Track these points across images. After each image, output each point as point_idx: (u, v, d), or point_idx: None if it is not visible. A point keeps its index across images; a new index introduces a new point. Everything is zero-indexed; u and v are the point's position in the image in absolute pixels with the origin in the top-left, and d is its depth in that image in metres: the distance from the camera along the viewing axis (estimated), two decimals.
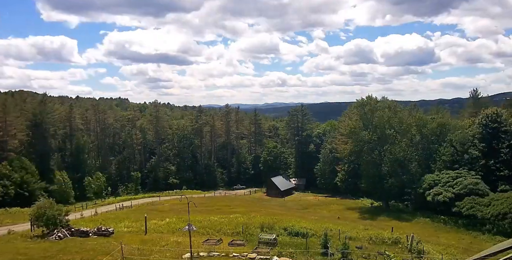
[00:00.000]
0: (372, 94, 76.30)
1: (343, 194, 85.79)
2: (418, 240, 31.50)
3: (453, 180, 58.66)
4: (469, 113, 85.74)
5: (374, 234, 35.35)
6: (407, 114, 75.21)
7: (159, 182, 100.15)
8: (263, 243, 26.91)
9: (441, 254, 28.12)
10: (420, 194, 61.85)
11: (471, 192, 55.13)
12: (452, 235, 48.07)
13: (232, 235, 31.50)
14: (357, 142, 71.00)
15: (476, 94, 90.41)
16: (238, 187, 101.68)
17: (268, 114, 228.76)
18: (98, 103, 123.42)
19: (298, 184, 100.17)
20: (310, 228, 35.84)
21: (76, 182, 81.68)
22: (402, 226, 50.89)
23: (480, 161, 61.81)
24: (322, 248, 25.44)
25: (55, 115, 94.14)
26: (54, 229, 28.72)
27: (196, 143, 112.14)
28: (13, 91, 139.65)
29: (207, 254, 23.94)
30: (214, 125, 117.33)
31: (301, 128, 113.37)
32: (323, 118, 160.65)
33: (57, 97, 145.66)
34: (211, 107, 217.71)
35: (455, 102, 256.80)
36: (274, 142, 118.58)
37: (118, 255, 22.09)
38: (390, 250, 27.08)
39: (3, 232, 33.23)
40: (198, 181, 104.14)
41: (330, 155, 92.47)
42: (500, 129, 62.81)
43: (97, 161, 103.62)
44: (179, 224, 35.53)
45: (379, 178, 69.09)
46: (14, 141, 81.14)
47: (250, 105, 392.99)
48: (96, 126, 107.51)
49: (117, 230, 32.09)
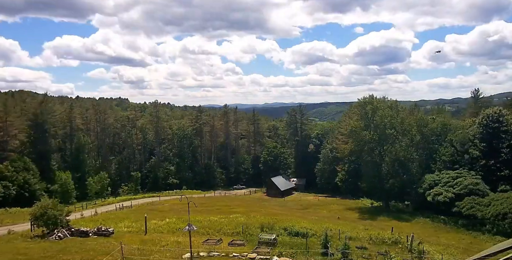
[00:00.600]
0: (373, 94, 76.46)
1: (343, 194, 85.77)
2: (418, 240, 31.52)
3: (453, 180, 58.68)
4: (470, 113, 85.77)
5: (374, 234, 35.35)
6: (408, 113, 75.25)
7: (159, 182, 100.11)
8: (263, 243, 26.90)
9: (441, 254, 28.13)
10: (421, 194, 61.84)
11: (471, 192, 55.14)
12: (452, 235, 48.08)
13: (232, 235, 31.48)
14: (358, 142, 70.99)
15: (477, 94, 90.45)
16: (238, 187, 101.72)
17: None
18: (98, 103, 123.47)
19: (298, 184, 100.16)
20: (310, 228, 35.82)
21: (76, 182, 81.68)
22: (402, 226, 50.90)
23: (480, 161, 61.75)
24: (322, 248, 25.43)
25: (56, 115, 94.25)
26: (54, 229, 28.72)
27: (196, 143, 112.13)
28: (13, 91, 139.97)
29: (207, 254, 23.93)
30: (213, 125, 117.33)
31: (301, 128, 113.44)
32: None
33: (57, 97, 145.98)
34: (211, 107, 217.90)
35: (455, 102, 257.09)
36: (274, 142, 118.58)
37: (118, 255, 22.08)
38: (390, 250, 27.10)
39: (3, 232, 33.24)
40: (198, 181, 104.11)
41: (330, 155, 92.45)
42: (500, 129, 62.72)
43: (97, 161, 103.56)
44: (179, 224, 35.52)
45: (379, 178, 69.06)
46: (14, 141, 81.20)
47: (250, 105, 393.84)
48: (96, 126, 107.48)
49: (117, 230, 32.09)
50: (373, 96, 74.65)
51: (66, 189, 75.91)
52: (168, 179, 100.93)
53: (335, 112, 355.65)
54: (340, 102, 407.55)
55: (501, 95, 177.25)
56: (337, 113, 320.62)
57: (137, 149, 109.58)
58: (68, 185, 76.76)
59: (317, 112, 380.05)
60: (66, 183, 76.21)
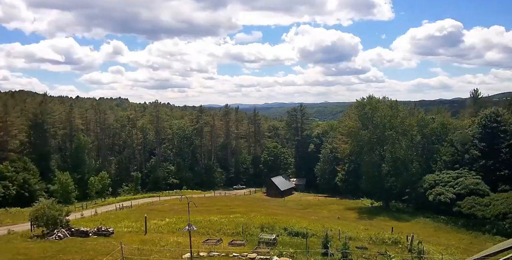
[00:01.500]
0: (372, 94, 76.46)
1: (343, 194, 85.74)
2: (418, 240, 31.49)
3: (454, 180, 58.76)
4: (469, 113, 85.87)
5: (374, 234, 35.35)
6: (408, 114, 75.24)
7: (159, 182, 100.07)
8: (263, 243, 26.89)
9: (441, 254, 28.11)
10: (421, 194, 61.86)
11: (472, 192, 55.19)
12: (452, 235, 48.07)
13: (232, 235, 31.46)
14: (357, 142, 70.99)
15: (476, 94, 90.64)
16: (238, 187, 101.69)
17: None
18: (98, 103, 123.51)
19: (298, 184, 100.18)
20: (310, 228, 35.83)
21: (76, 182, 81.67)
22: (402, 226, 50.88)
23: (480, 161, 61.79)
24: (322, 248, 25.41)
25: (55, 115, 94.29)
26: (54, 229, 28.69)
27: (196, 143, 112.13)
28: (13, 91, 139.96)
29: (207, 254, 23.90)
30: (214, 125, 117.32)
31: (301, 128, 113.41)
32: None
33: (57, 97, 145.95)
34: (211, 107, 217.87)
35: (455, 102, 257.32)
36: (274, 142, 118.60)
37: (118, 255, 22.06)
38: (390, 250, 27.10)
39: (3, 232, 33.24)
40: (198, 181, 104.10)
41: (330, 155, 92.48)
42: (499, 129, 62.78)
43: (97, 161, 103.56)
44: (179, 224, 35.50)
45: (379, 178, 69.07)
46: (14, 141, 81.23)
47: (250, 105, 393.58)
48: (96, 126, 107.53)
49: (117, 230, 32.06)
50: (372, 96, 74.74)
51: (66, 189, 75.91)
52: (168, 179, 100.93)
53: (335, 112, 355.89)
54: (340, 102, 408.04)
55: (501, 95, 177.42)
56: (337, 113, 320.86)
57: (137, 149, 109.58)
58: (68, 185, 76.77)
59: (317, 112, 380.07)
60: (66, 183, 76.22)
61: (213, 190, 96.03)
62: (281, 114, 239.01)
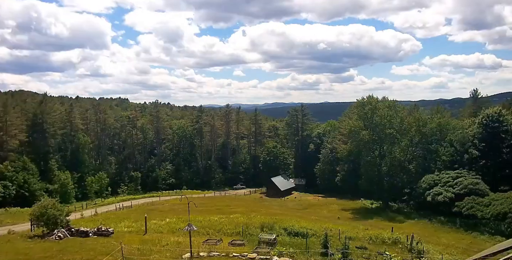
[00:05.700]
0: (372, 94, 76.53)
1: (343, 194, 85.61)
2: (418, 240, 31.53)
3: (453, 180, 58.64)
4: (469, 113, 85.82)
5: (374, 234, 35.35)
6: (407, 113, 75.25)
7: (159, 182, 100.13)
8: (263, 243, 26.89)
9: (441, 254, 28.14)
10: (420, 194, 61.81)
11: (471, 192, 55.10)
12: (452, 235, 48.05)
13: (232, 235, 31.45)
14: (357, 142, 70.98)
15: (476, 94, 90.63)
16: (238, 187, 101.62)
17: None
18: (98, 103, 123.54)
19: (298, 184, 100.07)
20: (310, 228, 35.79)
21: (76, 182, 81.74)
22: (402, 226, 50.90)
23: (480, 161, 61.72)
24: (322, 248, 25.42)
25: (55, 115, 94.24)
26: (54, 229, 28.66)
27: (196, 143, 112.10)
28: (13, 91, 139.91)
29: (207, 254, 23.88)
30: (214, 125, 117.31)
31: (301, 128, 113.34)
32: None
33: (57, 97, 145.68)
34: (211, 107, 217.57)
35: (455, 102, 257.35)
36: (274, 142, 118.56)
37: (118, 255, 22.05)
38: (390, 250, 27.08)
39: (3, 232, 33.20)
40: (198, 181, 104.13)
41: (330, 155, 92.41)
42: (500, 129, 62.71)
43: (97, 161, 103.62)
44: (179, 224, 35.47)
45: (379, 178, 69.05)
46: (14, 141, 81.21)
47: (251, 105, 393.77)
48: (96, 126, 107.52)
49: (117, 230, 32.04)
50: (372, 96, 74.81)
51: (66, 189, 76.02)
52: (168, 179, 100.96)
53: (335, 112, 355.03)
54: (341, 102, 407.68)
55: (501, 96, 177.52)
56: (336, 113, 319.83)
57: (137, 149, 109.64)
58: (68, 185, 76.82)
59: (317, 112, 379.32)
60: (65, 183, 76.26)
61: (213, 190, 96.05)
62: (281, 114, 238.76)
